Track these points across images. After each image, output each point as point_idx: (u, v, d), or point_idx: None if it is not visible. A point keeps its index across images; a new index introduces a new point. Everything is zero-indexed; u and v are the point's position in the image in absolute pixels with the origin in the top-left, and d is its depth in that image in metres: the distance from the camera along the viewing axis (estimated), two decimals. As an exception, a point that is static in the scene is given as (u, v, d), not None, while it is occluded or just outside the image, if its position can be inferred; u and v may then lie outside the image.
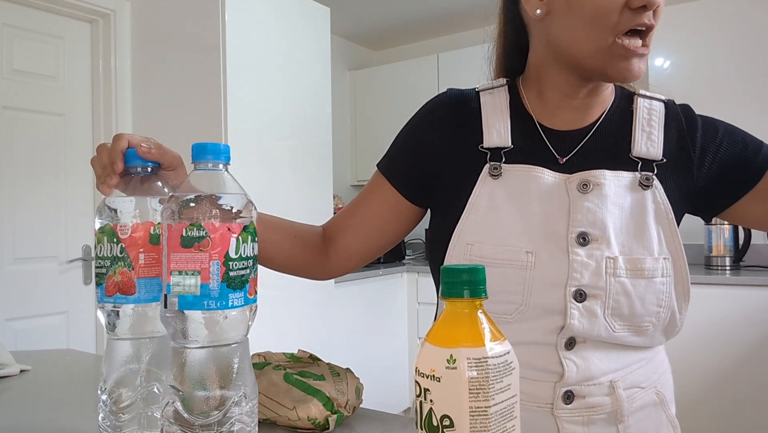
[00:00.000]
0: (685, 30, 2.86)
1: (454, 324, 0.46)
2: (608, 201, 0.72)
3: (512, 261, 0.72)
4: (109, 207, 0.63)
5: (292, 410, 0.68)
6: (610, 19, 0.66)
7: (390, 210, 0.84)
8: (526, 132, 0.78)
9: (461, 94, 0.83)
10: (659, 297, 0.72)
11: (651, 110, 0.80)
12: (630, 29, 0.67)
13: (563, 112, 0.78)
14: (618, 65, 0.69)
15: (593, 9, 0.67)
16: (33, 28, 2.45)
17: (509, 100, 0.80)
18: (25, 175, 2.42)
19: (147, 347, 0.63)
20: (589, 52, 0.70)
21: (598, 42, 0.68)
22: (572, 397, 0.72)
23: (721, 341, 2.50)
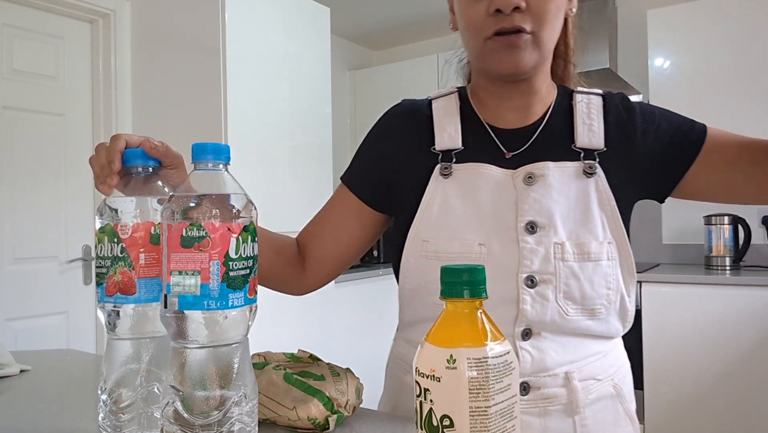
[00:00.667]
0: (685, 30, 2.86)
1: (454, 324, 0.46)
2: (553, 190, 0.76)
3: (466, 254, 0.76)
4: (110, 207, 0.63)
5: (292, 410, 0.68)
6: (477, 26, 0.75)
7: (355, 219, 0.88)
8: (476, 133, 0.83)
9: (414, 104, 0.89)
10: (607, 279, 0.75)
11: (589, 104, 0.84)
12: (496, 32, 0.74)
13: (505, 113, 0.83)
14: (491, 61, 0.76)
15: (466, 20, 0.77)
16: (33, 28, 2.45)
17: (459, 105, 0.86)
18: (25, 175, 2.42)
19: (147, 347, 0.63)
20: (474, 55, 0.79)
21: (475, 46, 0.77)
22: (528, 388, 0.74)
23: (721, 341, 2.50)
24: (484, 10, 0.73)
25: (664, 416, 2.61)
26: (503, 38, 0.74)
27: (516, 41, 0.73)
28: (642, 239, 3.25)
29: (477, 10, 0.74)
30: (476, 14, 0.74)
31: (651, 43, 2.93)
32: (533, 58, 0.75)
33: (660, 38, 2.91)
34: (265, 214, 0.78)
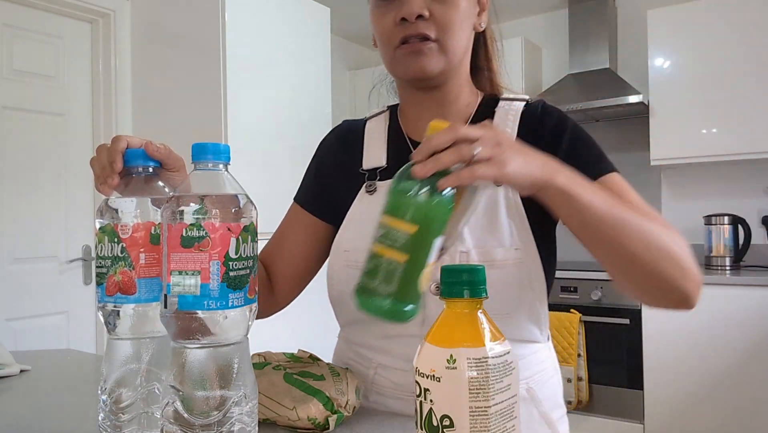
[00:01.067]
0: (685, 30, 2.86)
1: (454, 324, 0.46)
2: None
3: None
4: (111, 207, 0.63)
5: (292, 410, 0.68)
6: (387, 35, 0.80)
7: (309, 233, 0.92)
8: (399, 150, 0.87)
9: (351, 125, 0.96)
10: (513, 285, 0.78)
11: (509, 111, 0.85)
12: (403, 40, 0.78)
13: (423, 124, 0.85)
14: (400, 68, 0.81)
15: (379, 32, 0.82)
16: (33, 28, 2.45)
17: (388, 124, 0.91)
18: (25, 175, 2.42)
19: (147, 347, 0.63)
20: (386, 65, 0.84)
21: (388, 55, 0.82)
22: None
23: (721, 341, 2.50)
24: (392, 20, 0.78)
25: (664, 416, 2.61)
26: (409, 45, 0.78)
27: (421, 47, 0.78)
28: (642, 239, 3.25)
29: (386, 21, 0.79)
30: (386, 25, 0.79)
31: (651, 43, 2.93)
32: (440, 63, 0.79)
33: (660, 38, 2.91)
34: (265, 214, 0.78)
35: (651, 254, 0.66)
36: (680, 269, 0.68)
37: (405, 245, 0.56)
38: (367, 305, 0.58)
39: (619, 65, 3.33)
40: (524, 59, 3.36)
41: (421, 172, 0.56)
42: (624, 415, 2.71)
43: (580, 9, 3.29)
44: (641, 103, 2.89)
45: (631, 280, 0.70)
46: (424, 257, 0.57)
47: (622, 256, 0.66)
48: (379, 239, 0.58)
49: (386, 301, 0.57)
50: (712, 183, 3.08)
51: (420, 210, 0.56)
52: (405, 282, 0.56)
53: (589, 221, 0.64)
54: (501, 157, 0.58)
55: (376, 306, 0.57)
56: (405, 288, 0.56)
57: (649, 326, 2.65)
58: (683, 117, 2.86)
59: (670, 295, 0.69)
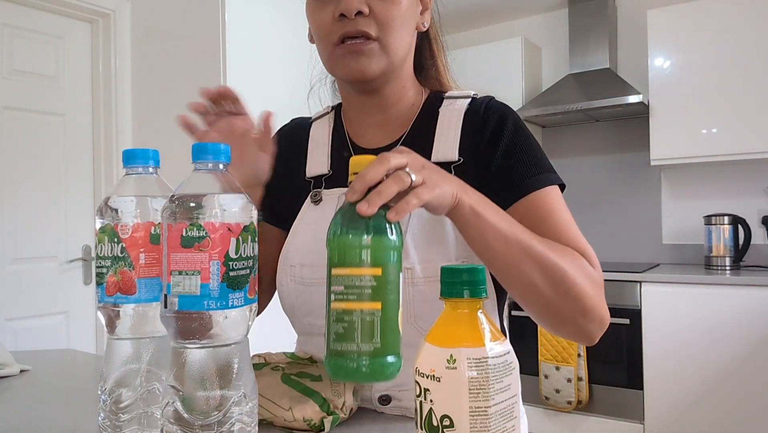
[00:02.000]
0: (685, 30, 2.86)
1: (454, 324, 0.46)
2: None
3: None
4: (110, 207, 0.63)
5: (288, 411, 0.68)
6: (325, 32, 0.76)
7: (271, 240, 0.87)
8: (344, 155, 0.84)
9: (298, 125, 0.92)
10: None
11: (452, 110, 0.82)
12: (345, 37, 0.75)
13: (367, 131, 0.84)
14: (339, 67, 0.78)
15: (315, 27, 0.78)
16: (33, 28, 2.45)
17: (332, 127, 0.88)
18: (25, 175, 2.42)
19: (147, 347, 0.63)
20: (324, 62, 0.80)
21: (326, 52, 0.78)
22: (389, 399, 0.77)
23: (721, 341, 2.50)
24: (330, 16, 0.75)
25: (664, 416, 2.61)
26: (349, 45, 0.75)
27: (361, 48, 0.75)
28: (642, 239, 3.25)
29: (323, 16, 0.76)
30: (323, 21, 0.76)
31: (651, 43, 2.93)
32: (381, 64, 0.76)
33: (660, 38, 2.91)
34: (265, 214, 0.79)
35: (551, 287, 0.66)
36: (581, 307, 0.67)
37: (374, 291, 0.51)
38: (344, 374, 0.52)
39: (619, 65, 3.33)
40: (524, 59, 3.36)
41: (369, 210, 0.52)
42: (624, 415, 2.71)
43: (580, 9, 3.29)
44: (641, 103, 2.89)
45: (530, 308, 0.69)
46: (397, 296, 0.53)
47: (522, 283, 0.66)
48: (339, 295, 0.52)
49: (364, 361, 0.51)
50: (712, 183, 3.08)
51: (379, 249, 0.52)
52: (386, 331, 0.52)
53: (493, 243, 0.63)
54: (431, 180, 0.57)
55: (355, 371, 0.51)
56: (388, 338, 0.52)
57: (649, 326, 2.65)
58: (683, 117, 2.86)
59: (568, 329, 0.69)
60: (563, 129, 3.51)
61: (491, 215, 0.63)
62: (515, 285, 0.67)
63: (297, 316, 0.83)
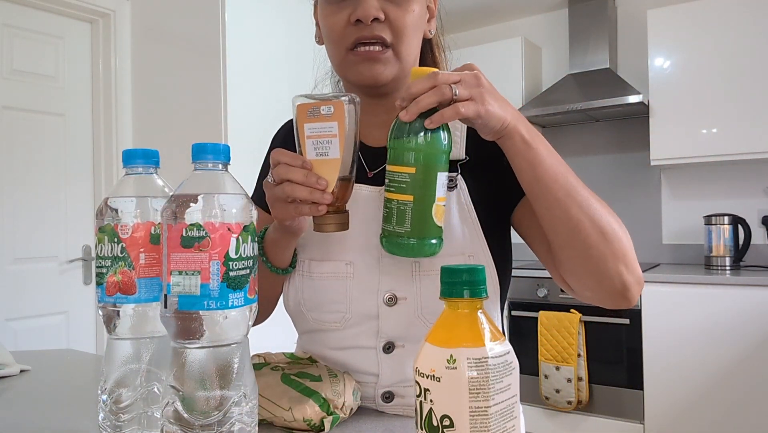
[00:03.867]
0: (685, 30, 2.86)
1: (454, 324, 0.46)
2: None
3: (335, 273, 0.79)
4: (110, 207, 0.63)
5: (288, 411, 0.68)
6: (338, 35, 0.77)
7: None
8: None
9: None
10: None
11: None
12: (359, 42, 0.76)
13: (370, 129, 0.85)
14: (352, 73, 0.79)
15: (328, 29, 0.79)
16: (33, 28, 2.45)
17: None
18: (25, 175, 2.42)
19: (147, 347, 0.63)
20: (336, 66, 0.82)
21: (338, 55, 0.79)
22: (392, 396, 0.78)
23: (721, 341, 2.50)
24: (345, 20, 0.76)
25: (664, 416, 2.61)
26: (364, 51, 0.76)
27: (377, 55, 0.76)
28: (642, 239, 3.25)
29: (338, 20, 0.76)
30: (337, 24, 0.77)
31: (651, 43, 2.93)
32: (393, 71, 0.78)
33: (660, 38, 2.91)
34: (265, 214, 0.79)
35: (596, 229, 0.66)
36: (622, 254, 0.67)
37: (408, 185, 0.63)
38: (393, 248, 0.66)
39: (619, 65, 3.33)
40: (524, 59, 3.36)
41: (406, 117, 0.62)
42: (624, 415, 2.71)
43: (580, 9, 3.29)
44: (641, 103, 2.89)
45: (572, 251, 0.69)
46: (430, 193, 0.64)
47: (567, 223, 0.66)
48: (386, 186, 0.66)
49: (409, 240, 0.64)
50: (712, 183, 3.08)
51: (413, 151, 0.63)
52: (418, 219, 0.64)
53: (542, 176, 0.66)
54: (481, 97, 0.62)
55: (401, 246, 0.65)
56: (420, 225, 0.64)
57: (649, 326, 2.65)
58: (683, 117, 2.86)
59: (608, 282, 0.68)
60: (563, 129, 3.51)
61: (542, 149, 0.66)
62: (561, 223, 0.67)
63: (302, 312, 0.83)
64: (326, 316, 0.80)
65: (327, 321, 0.80)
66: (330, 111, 0.66)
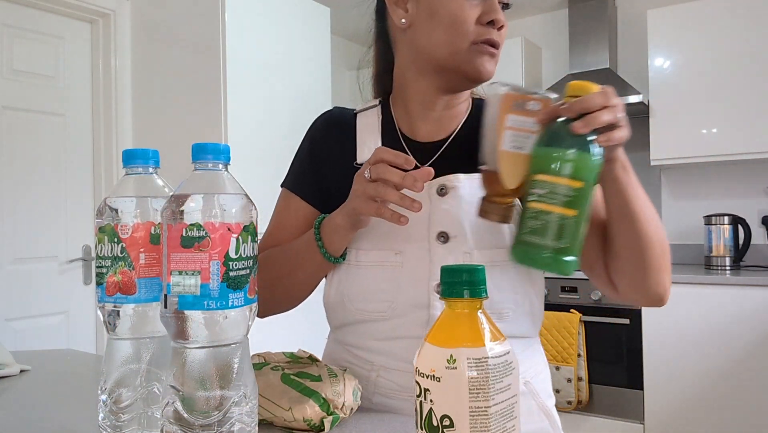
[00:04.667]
0: (685, 30, 2.86)
1: (454, 324, 0.46)
2: (463, 202, 0.80)
3: (383, 263, 0.80)
4: (110, 207, 0.63)
5: (288, 411, 0.68)
6: (464, 29, 0.78)
7: (305, 221, 0.90)
8: (393, 146, 0.85)
9: (341, 114, 0.94)
10: (514, 285, 0.80)
11: None
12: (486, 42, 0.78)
13: (423, 123, 0.87)
14: (471, 64, 0.79)
15: (454, 19, 0.78)
16: (33, 28, 2.45)
17: (381, 119, 0.90)
18: (25, 175, 2.42)
19: (147, 347, 0.63)
20: (449, 54, 0.80)
21: (455, 45, 0.79)
22: None
23: (721, 341, 2.50)
24: (476, 16, 0.78)
25: (664, 416, 2.61)
26: (490, 48, 0.79)
27: (496, 54, 0.80)
28: (642, 239, 3.25)
29: (469, 14, 0.78)
30: (469, 17, 0.78)
31: (651, 43, 2.93)
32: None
33: (660, 38, 2.91)
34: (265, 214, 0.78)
35: (660, 246, 0.75)
36: (669, 267, 0.78)
37: (572, 200, 0.61)
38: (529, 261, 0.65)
39: (619, 65, 3.33)
40: (524, 59, 3.36)
41: (584, 129, 0.62)
42: (624, 415, 2.71)
43: (580, 9, 3.29)
44: (641, 103, 2.89)
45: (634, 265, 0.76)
46: (588, 210, 0.63)
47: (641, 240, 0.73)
48: (541, 197, 0.62)
49: (549, 254, 0.62)
50: (712, 183, 3.08)
51: (583, 165, 0.61)
52: (574, 236, 0.62)
53: (633, 200, 0.71)
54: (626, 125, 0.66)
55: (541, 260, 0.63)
56: (574, 241, 0.62)
57: (649, 326, 2.65)
58: (683, 117, 2.86)
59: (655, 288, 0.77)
60: (563, 129, 3.51)
61: (633, 175, 0.72)
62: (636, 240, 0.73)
63: (344, 303, 0.83)
64: (371, 306, 0.81)
65: (371, 311, 0.81)
66: (537, 107, 0.67)
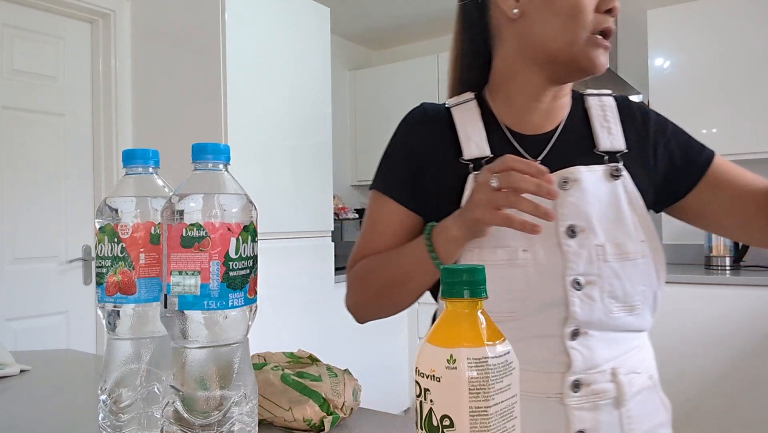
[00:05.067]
0: (685, 30, 2.86)
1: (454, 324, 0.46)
2: (588, 194, 0.78)
3: (512, 261, 0.77)
4: (110, 207, 0.63)
5: (288, 411, 0.68)
6: (584, 18, 0.76)
7: (403, 227, 0.87)
8: (499, 140, 0.84)
9: (435, 109, 0.89)
10: (643, 277, 0.79)
11: (603, 106, 0.88)
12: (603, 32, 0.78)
13: (530, 116, 0.85)
14: (586, 56, 0.77)
15: (570, 8, 0.76)
16: (33, 28, 2.45)
17: (480, 112, 0.86)
18: (25, 175, 2.42)
19: (147, 347, 0.63)
20: (565, 44, 0.78)
21: (573, 36, 0.77)
22: (579, 385, 0.76)
23: (721, 341, 2.50)
24: (594, 5, 0.76)
25: (664, 416, 2.61)
26: (604, 40, 0.78)
27: (609, 46, 0.79)
28: (642, 239, 3.25)
29: (589, 1, 0.76)
30: (588, 5, 0.76)
31: (651, 43, 2.93)
32: None
33: (660, 38, 2.91)
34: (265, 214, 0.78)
35: None
36: None
37: None
38: None
39: (619, 65, 3.32)
40: (524, 59, 3.36)
41: None
42: (624, 415, 2.71)
43: (580, 9, 3.28)
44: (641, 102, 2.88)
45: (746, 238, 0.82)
46: None
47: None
48: None
49: None
50: (712, 183, 3.07)
51: None
52: None
53: None
54: None
55: None
56: None
57: (649, 326, 2.65)
58: (683, 117, 2.83)
59: None
60: (563, 129, 3.51)
61: None
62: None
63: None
64: (500, 306, 0.77)
65: (500, 311, 0.76)
66: None
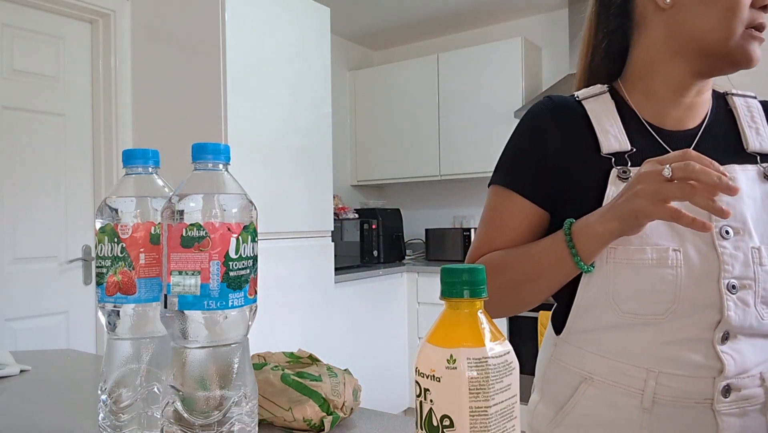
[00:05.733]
0: None
1: (454, 324, 0.46)
2: (743, 194, 0.75)
3: (660, 260, 0.74)
4: (110, 207, 0.63)
5: (288, 411, 0.68)
6: (742, 12, 0.75)
7: (529, 223, 0.84)
8: (639, 134, 0.81)
9: (564, 101, 0.86)
10: None
11: (750, 107, 0.87)
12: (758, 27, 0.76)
13: (673, 111, 0.82)
14: (746, 50, 0.76)
15: (729, 1, 0.75)
16: (33, 28, 2.45)
17: (615, 105, 0.84)
18: (25, 175, 2.42)
19: (147, 347, 0.63)
20: (722, 37, 0.76)
21: (729, 30, 0.75)
22: (730, 390, 0.74)
23: (721, 341, 2.50)
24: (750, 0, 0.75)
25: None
26: (757, 34, 0.76)
27: (764, 39, 0.78)
28: (642, 239, 3.24)
29: None
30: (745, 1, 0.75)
31: None
32: None
33: None
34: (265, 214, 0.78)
35: None
36: None
37: None
38: None
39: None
40: (524, 59, 3.36)
41: None
42: (624, 415, 2.71)
43: (580, 9, 3.26)
44: None
45: None
46: None
47: None
48: None
49: None
50: (712, 183, 3.07)
51: None
52: None
53: None
54: None
55: None
56: None
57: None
58: None
59: None
60: (563, 129, 3.51)
61: None
62: None
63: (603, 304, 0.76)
64: (644, 308, 0.74)
65: (644, 314, 0.74)
66: None
